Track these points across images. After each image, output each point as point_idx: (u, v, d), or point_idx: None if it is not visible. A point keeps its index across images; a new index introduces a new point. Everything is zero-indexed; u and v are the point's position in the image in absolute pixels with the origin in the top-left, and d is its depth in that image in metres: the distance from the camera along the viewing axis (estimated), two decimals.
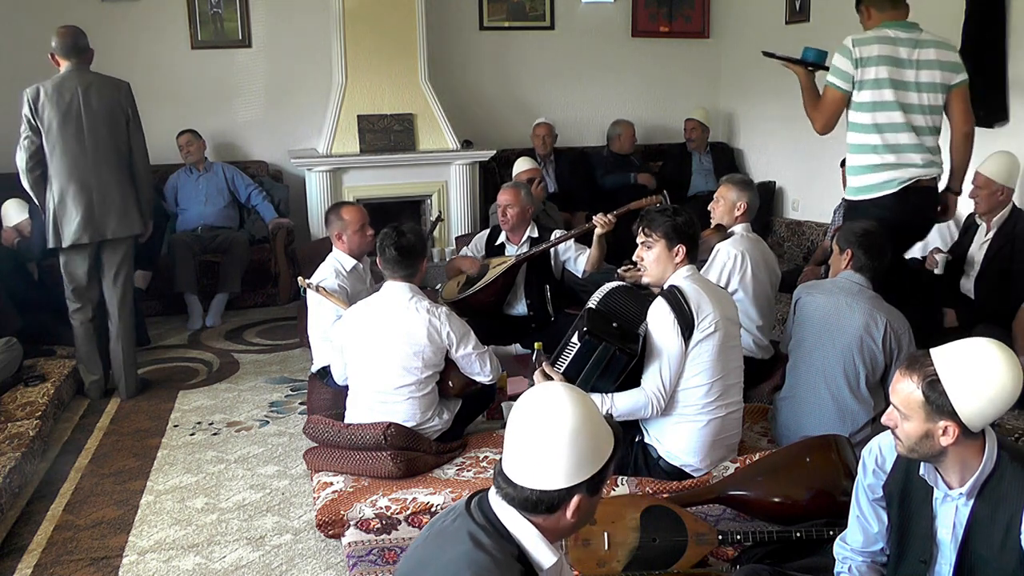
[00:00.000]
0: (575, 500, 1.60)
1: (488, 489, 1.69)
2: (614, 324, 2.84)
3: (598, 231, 4.18)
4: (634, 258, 3.03)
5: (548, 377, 2.81)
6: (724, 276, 3.64)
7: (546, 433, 1.59)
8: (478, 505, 1.66)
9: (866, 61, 3.44)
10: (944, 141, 3.57)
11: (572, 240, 4.44)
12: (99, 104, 4.03)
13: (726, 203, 3.80)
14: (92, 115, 4.02)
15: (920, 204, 3.51)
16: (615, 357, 2.77)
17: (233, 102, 6.35)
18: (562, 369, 2.90)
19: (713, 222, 3.84)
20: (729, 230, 3.81)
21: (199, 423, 4.00)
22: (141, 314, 5.17)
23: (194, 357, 4.94)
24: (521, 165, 5.39)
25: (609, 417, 1.70)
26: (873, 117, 3.47)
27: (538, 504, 1.60)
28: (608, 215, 4.15)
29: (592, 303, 3.02)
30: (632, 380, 2.87)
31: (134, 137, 4.14)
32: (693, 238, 2.96)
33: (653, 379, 2.84)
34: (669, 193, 4.51)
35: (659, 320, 2.84)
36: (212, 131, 6.21)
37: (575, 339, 2.85)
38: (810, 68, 3.69)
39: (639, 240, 3.00)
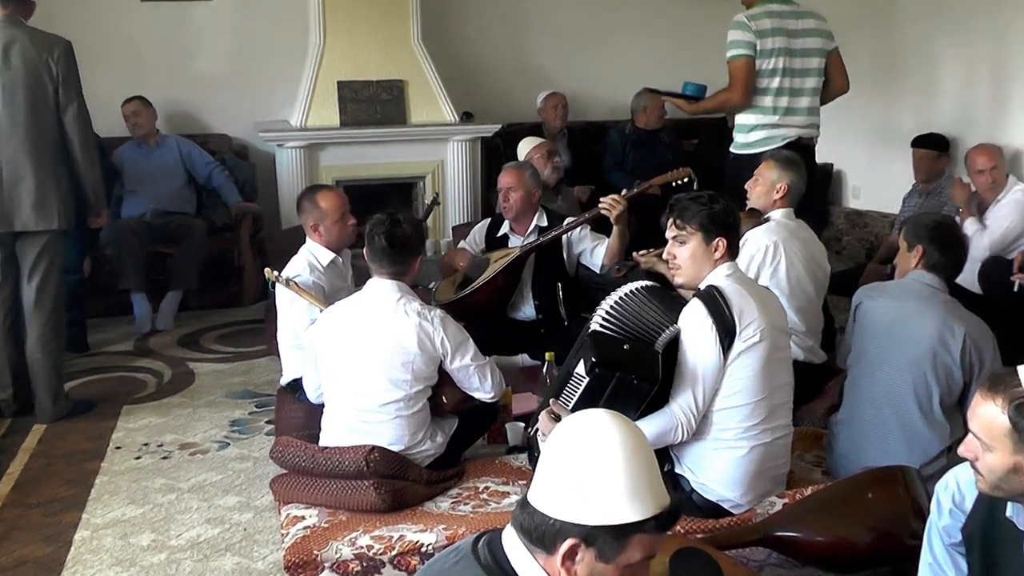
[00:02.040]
0: (567, 544, 1.57)
1: (501, 528, 1.68)
2: (625, 346, 2.81)
3: (609, 216, 4.16)
4: (664, 255, 3.02)
5: (556, 417, 2.78)
6: (752, 270, 3.64)
7: (583, 449, 1.58)
8: (487, 544, 1.66)
9: (763, 33, 4.39)
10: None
11: (588, 228, 4.43)
12: (20, 65, 3.93)
13: (764, 183, 3.81)
14: (11, 79, 3.93)
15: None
16: (634, 387, 2.74)
17: (190, 65, 6.36)
18: (570, 406, 2.88)
19: (748, 204, 3.82)
20: (765, 216, 3.80)
21: (146, 444, 4.01)
22: (82, 316, 5.17)
23: (141, 366, 4.94)
24: (528, 144, 5.38)
25: (675, 494, 1.66)
26: (766, 83, 4.45)
27: (532, 532, 1.60)
28: (616, 196, 4.13)
29: (597, 320, 2.95)
30: (657, 399, 2.86)
31: (67, 110, 4.00)
32: (734, 228, 2.95)
33: (684, 396, 2.83)
34: (706, 176, 4.50)
35: (694, 326, 2.83)
36: (165, 99, 6.21)
37: (581, 370, 2.81)
38: (691, 100, 4.70)
39: (669, 234, 2.98)
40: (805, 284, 3.75)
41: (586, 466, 1.57)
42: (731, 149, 4.71)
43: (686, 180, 4.18)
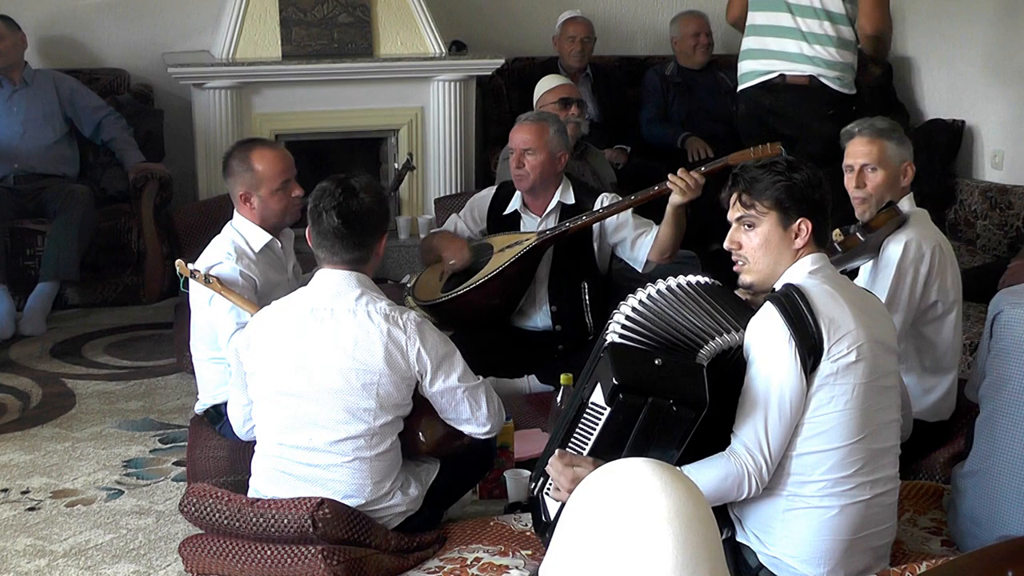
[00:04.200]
0: None
1: None
2: (657, 360, 2.83)
3: (675, 199, 4.19)
4: (727, 244, 3.05)
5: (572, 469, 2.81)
6: (919, 288, 3.68)
7: (617, 518, 1.58)
8: None
9: None
10: None
11: (629, 211, 4.46)
12: None
13: (888, 171, 3.78)
14: None
15: (781, 105, 5.01)
16: (673, 417, 2.76)
17: None
18: (586, 449, 2.89)
19: (866, 204, 3.80)
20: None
21: (5, 491, 4.02)
22: None
23: None
24: (547, 84, 5.40)
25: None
26: None
27: None
28: (691, 172, 4.16)
29: (615, 327, 2.96)
30: (708, 441, 2.89)
31: None
32: (821, 207, 2.98)
33: (752, 436, 2.85)
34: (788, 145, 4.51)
35: (766, 340, 2.86)
36: (37, 20, 6.23)
37: (598, 398, 2.83)
38: None
39: (733, 215, 3.02)
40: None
41: (620, 542, 1.58)
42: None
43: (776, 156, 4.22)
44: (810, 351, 2.83)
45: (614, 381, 2.75)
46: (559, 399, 3.73)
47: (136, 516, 3.85)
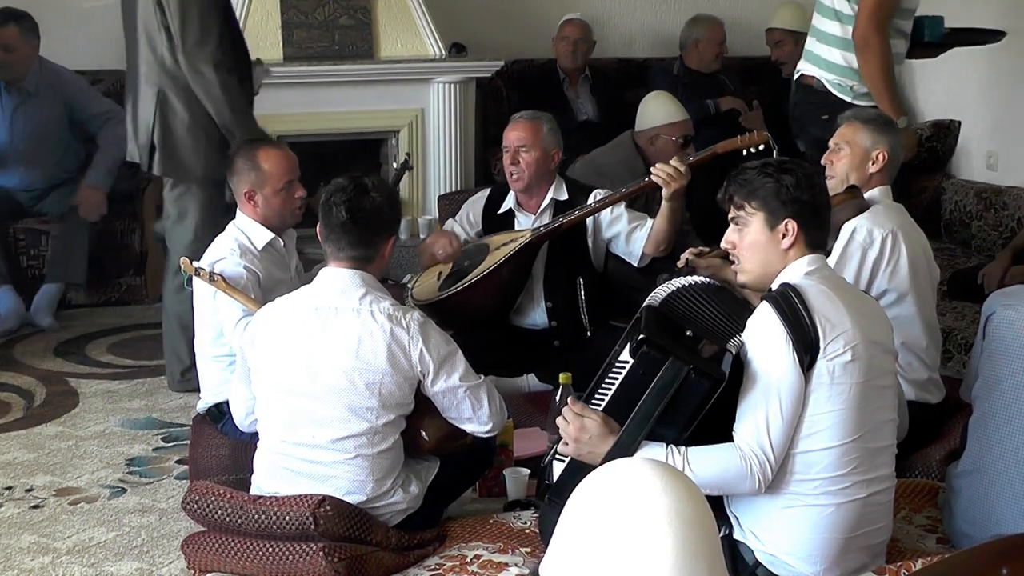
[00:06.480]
0: None
1: None
2: (688, 331, 2.88)
3: (664, 191, 4.21)
4: (723, 244, 3.07)
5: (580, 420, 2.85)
6: (865, 274, 3.69)
7: (616, 515, 1.59)
8: None
9: None
10: None
11: (623, 205, 4.47)
12: None
13: (854, 153, 3.83)
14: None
15: (794, 102, 5.11)
16: (689, 382, 2.78)
17: None
18: (601, 406, 2.93)
19: (832, 182, 3.84)
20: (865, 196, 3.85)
21: (9, 489, 4.03)
22: None
23: (3, 383, 4.97)
24: (669, 115, 5.17)
25: None
26: None
27: None
28: (675, 163, 4.18)
29: (656, 297, 3.05)
30: (711, 433, 2.91)
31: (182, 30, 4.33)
32: (814, 208, 2.99)
33: (752, 430, 2.86)
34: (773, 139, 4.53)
35: (764, 338, 2.87)
36: (41, 22, 6.14)
37: (624, 356, 2.88)
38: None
39: (730, 217, 3.04)
40: (926, 287, 3.82)
41: (620, 541, 1.58)
42: None
43: (761, 148, 4.22)
44: (806, 349, 2.84)
45: (641, 335, 2.80)
46: (558, 398, 3.74)
47: (139, 514, 3.86)
